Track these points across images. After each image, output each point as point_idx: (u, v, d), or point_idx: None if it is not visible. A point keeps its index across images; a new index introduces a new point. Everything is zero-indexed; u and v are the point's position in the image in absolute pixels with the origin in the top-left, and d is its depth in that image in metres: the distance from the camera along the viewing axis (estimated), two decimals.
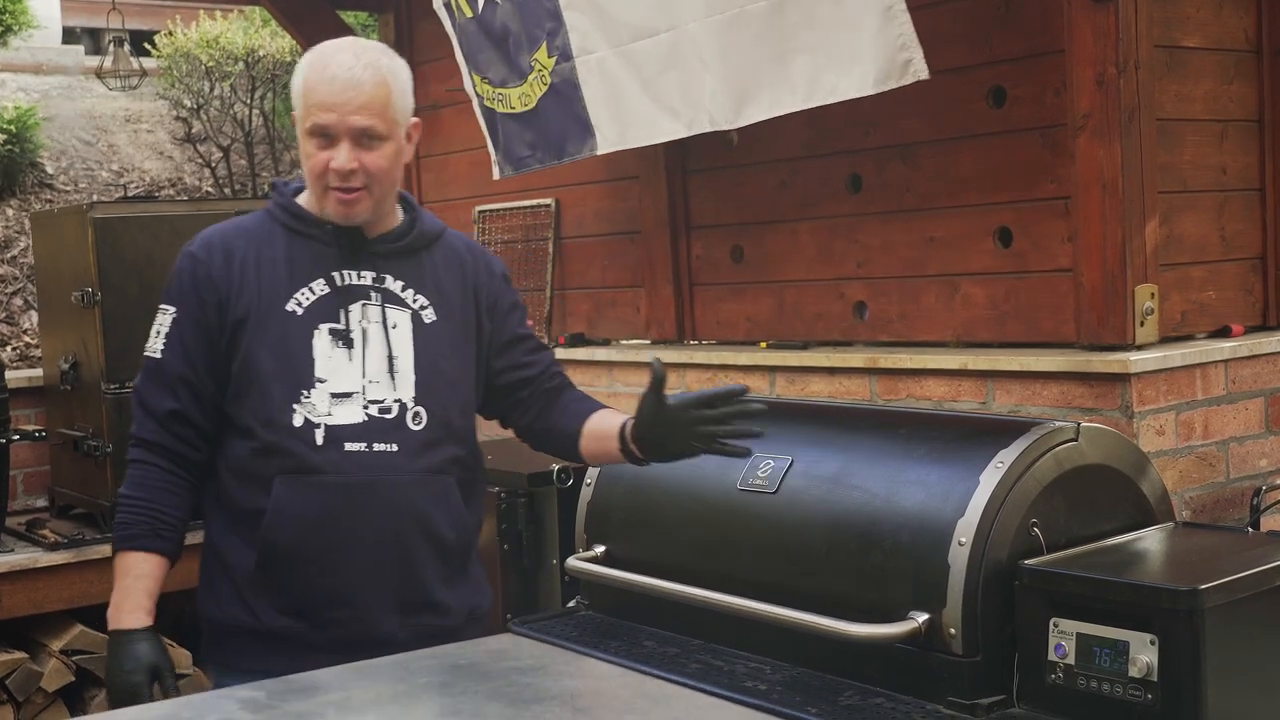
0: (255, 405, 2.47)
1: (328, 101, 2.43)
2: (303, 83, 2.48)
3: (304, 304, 2.50)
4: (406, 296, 2.57)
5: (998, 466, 2.32)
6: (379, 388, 2.50)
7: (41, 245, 5.55)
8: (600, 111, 4.20)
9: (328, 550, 2.46)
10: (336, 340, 2.49)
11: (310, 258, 2.53)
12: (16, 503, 5.44)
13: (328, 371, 2.48)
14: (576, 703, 2.27)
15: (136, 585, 2.47)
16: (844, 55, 3.46)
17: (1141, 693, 2.08)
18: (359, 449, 2.46)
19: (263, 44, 7.77)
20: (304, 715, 2.15)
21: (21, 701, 4.64)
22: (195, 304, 2.50)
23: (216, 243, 2.56)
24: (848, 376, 3.89)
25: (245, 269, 2.51)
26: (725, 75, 3.75)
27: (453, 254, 2.67)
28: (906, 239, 3.94)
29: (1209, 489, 3.42)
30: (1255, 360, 3.53)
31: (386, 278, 2.56)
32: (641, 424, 2.52)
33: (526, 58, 4.35)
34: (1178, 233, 3.53)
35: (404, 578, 2.51)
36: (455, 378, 2.60)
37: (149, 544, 2.47)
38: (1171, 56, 3.49)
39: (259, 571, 2.47)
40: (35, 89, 8.45)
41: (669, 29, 3.90)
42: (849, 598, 2.39)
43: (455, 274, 2.65)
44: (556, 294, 5.14)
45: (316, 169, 2.47)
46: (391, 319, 2.54)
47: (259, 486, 2.46)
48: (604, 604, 2.91)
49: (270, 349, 2.47)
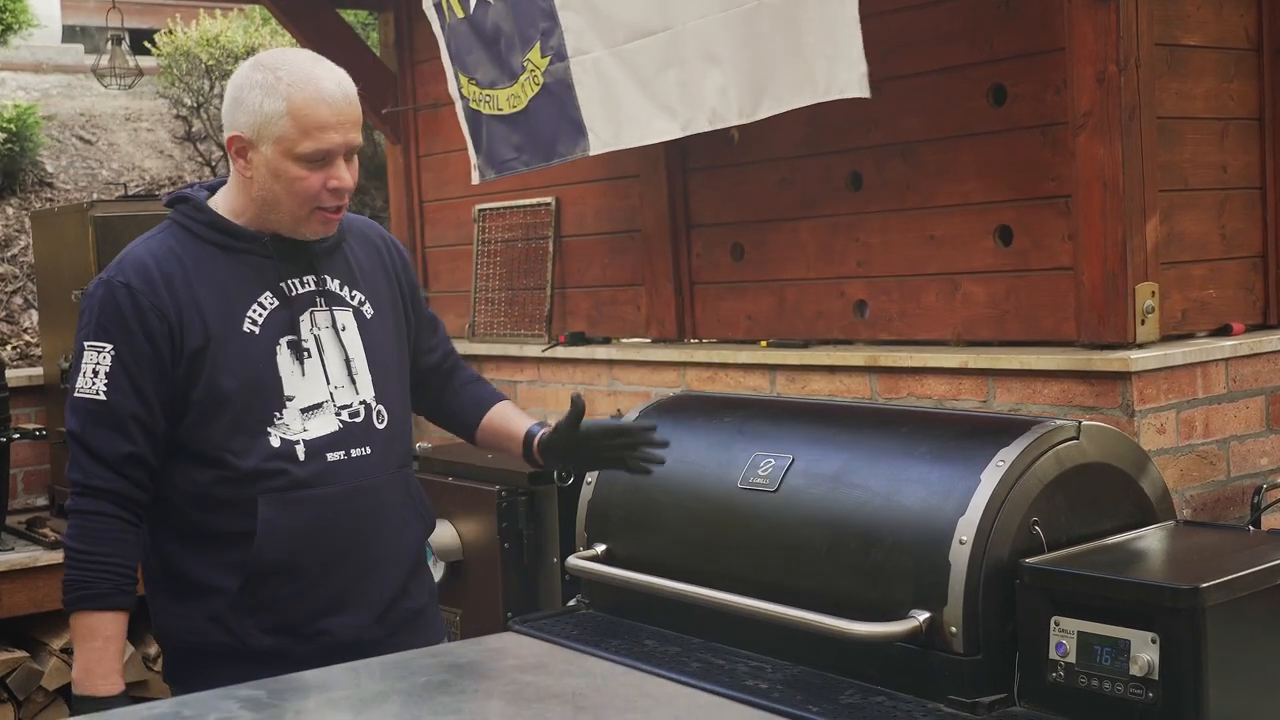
0: (223, 432, 2.39)
1: (330, 122, 2.36)
2: (289, 106, 2.34)
3: (259, 321, 2.42)
4: (345, 294, 2.54)
5: (999, 465, 2.31)
6: (343, 392, 2.48)
7: (41, 244, 5.55)
8: (594, 112, 4.19)
9: (315, 563, 2.44)
10: (295, 353, 2.44)
11: (251, 272, 2.44)
12: (17, 501, 5.45)
13: (294, 388, 2.43)
14: (577, 701, 2.27)
15: (108, 649, 2.35)
16: (848, 53, 3.46)
17: (1142, 691, 2.08)
18: (339, 457, 2.45)
19: (263, 42, 7.77)
20: (304, 714, 2.15)
21: (22, 700, 4.64)
22: (140, 338, 2.37)
23: (152, 270, 2.40)
24: (848, 375, 3.89)
25: (191, 292, 2.39)
26: (740, 69, 3.73)
27: (366, 241, 2.64)
28: (907, 237, 3.94)
29: (1210, 487, 3.42)
30: (1256, 359, 3.53)
31: (325, 279, 2.51)
32: (554, 443, 2.66)
33: (519, 58, 4.34)
34: (1178, 231, 3.53)
35: (385, 577, 2.52)
36: (398, 369, 2.61)
37: (115, 601, 2.35)
38: (1172, 54, 3.49)
39: (243, 594, 2.41)
40: (35, 88, 8.44)
41: (665, 28, 3.90)
42: (850, 596, 2.39)
43: (375, 262, 2.63)
44: (556, 292, 5.14)
45: (310, 191, 2.38)
46: (340, 321, 2.51)
47: (234, 510, 2.39)
48: (605, 603, 2.91)
49: (234, 374, 2.39)
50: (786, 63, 3.62)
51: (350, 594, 2.48)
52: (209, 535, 2.42)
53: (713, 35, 3.78)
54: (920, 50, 3.83)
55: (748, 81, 3.72)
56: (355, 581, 2.48)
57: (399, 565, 2.56)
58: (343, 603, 2.47)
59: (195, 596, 2.44)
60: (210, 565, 2.42)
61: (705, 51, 3.81)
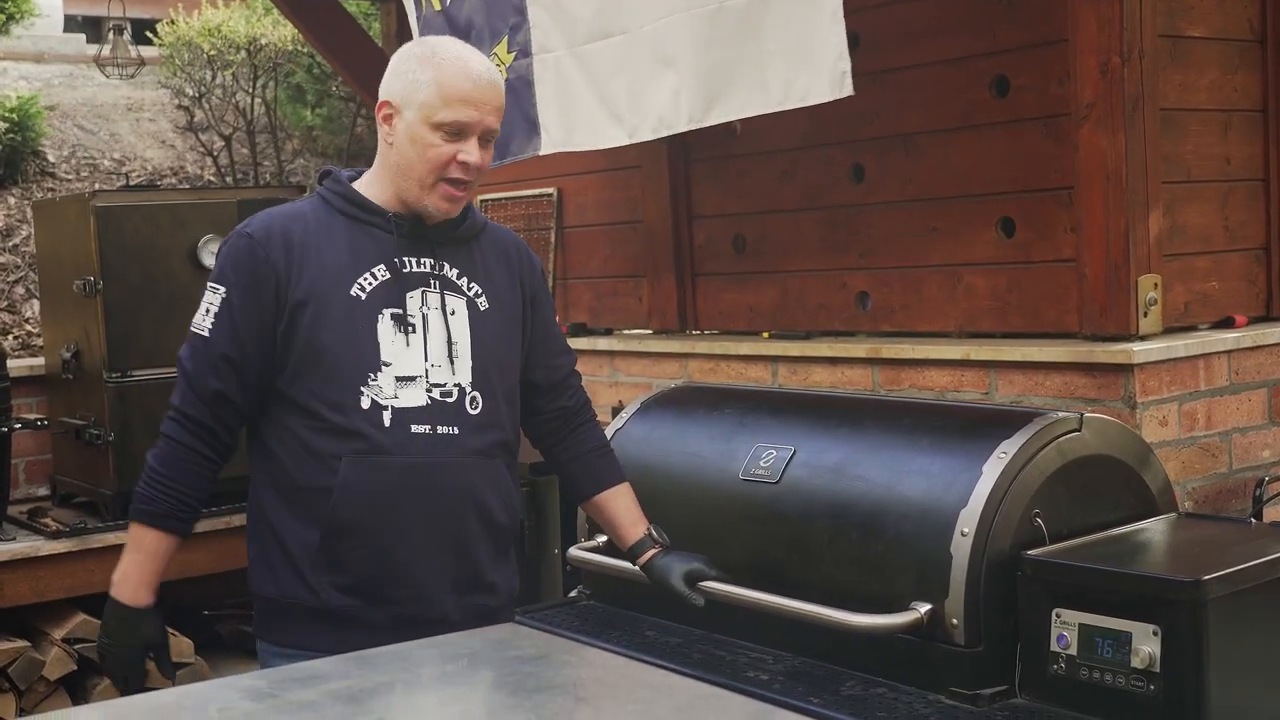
0: (320, 387, 2.51)
1: (473, 98, 2.50)
2: (436, 75, 2.50)
3: (367, 289, 2.54)
4: (462, 284, 2.63)
5: (1000, 457, 2.31)
6: (440, 371, 2.56)
7: (43, 234, 5.54)
8: (549, 111, 4.17)
9: (391, 529, 2.53)
10: (398, 325, 2.55)
11: (372, 244, 2.58)
12: (18, 491, 5.44)
13: (392, 355, 2.53)
14: (578, 692, 2.27)
15: (149, 564, 2.53)
16: (813, 57, 3.42)
17: (1144, 683, 2.08)
18: (424, 431, 2.52)
19: (265, 32, 7.76)
20: (306, 704, 2.15)
21: (24, 690, 4.64)
22: (250, 285, 2.52)
23: (275, 227, 2.57)
24: (850, 367, 3.89)
25: (305, 253, 2.54)
26: (696, 73, 3.69)
27: (499, 245, 2.75)
28: (909, 229, 3.93)
29: (1211, 480, 3.42)
30: (1258, 351, 3.52)
31: (444, 265, 2.62)
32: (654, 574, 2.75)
33: (487, 51, 4.32)
34: (1181, 223, 3.52)
35: (460, 558, 2.58)
36: (505, 365, 2.68)
37: (170, 525, 2.53)
38: (1175, 46, 3.48)
39: (321, 550, 2.53)
40: (37, 77, 8.44)
41: (623, 31, 3.87)
42: (851, 588, 2.39)
43: (502, 265, 2.73)
44: (559, 283, 5.14)
45: (440, 160, 2.51)
46: (450, 305, 2.60)
47: (322, 465, 2.51)
48: (606, 594, 2.91)
49: (334, 332, 2.51)
50: (744, 68, 3.57)
51: (421, 568, 2.55)
52: (298, 489, 2.54)
53: (672, 36, 3.73)
54: (922, 42, 3.83)
55: (701, 86, 3.68)
56: (428, 557, 2.55)
57: (476, 552, 2.60)
58: (413, 575, 2.54)
59: (281, 549, 2.56)
60: (295, 519, 2.54)
61: (660, 54, 3.76)
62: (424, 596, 2.55)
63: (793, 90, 3.48)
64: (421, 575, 2.55)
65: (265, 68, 7.82)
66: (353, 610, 2.54)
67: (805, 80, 3.44)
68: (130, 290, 4.93)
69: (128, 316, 4.93)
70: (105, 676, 2.61)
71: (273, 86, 7.93)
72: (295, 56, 7.90)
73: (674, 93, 3.75)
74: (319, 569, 2.53)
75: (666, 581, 2.70)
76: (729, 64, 3.61)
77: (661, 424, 2.94)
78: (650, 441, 3.00)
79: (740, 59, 3.58)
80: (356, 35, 5.83)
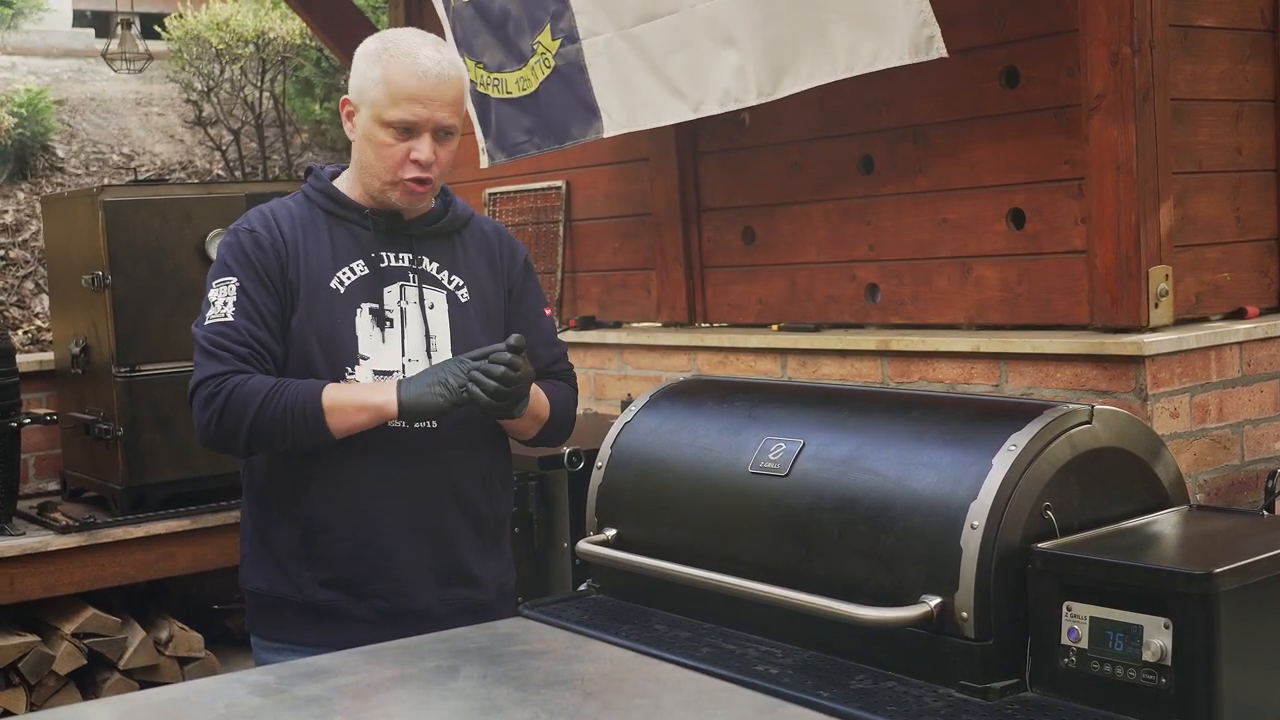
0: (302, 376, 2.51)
1: (419, 95, 2.48)
2: (384, 74, 2.49)
3: (345, 283, 2.55)
4: (442, 278, 2.64)
5: (1011, 449, 2.30)
6: (416, 366, 2.56)
7: (52, 229, 5.55)
8: (608, 94, 4.18)
9: (369, 524, 2.53)
10: (376, 320, 2.55)
11: (351, 239, 2.59)
12: (28, 486, 5.46)
13: (369, 349, 2.55)
14: (587, 686, 2.27)
15: (358, 390, 2.48)
16: (880, 23, 3.44)
17: (1155, 677, 2.07)
18: (400, 425, 2.52)
19: (273, 26, 7.77)
20: (313, 699, 2.15)
21: (34, 684, 4.65)
22: (260, 269, 2.53)
23: (268, 215, 2.60)
24: (859, 359, 3.88)
25: (296, 244, 2.56)
26: (758, 49, 3.72)
27: (481, 237, 2.75)
28: (918, 221, 3.92)
29: (1223, 472, 3.40)
30: (1270, 342, 3.51)
31: (423, 259, 2.63)
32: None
33: (528, 41, 4.33)
34: (1192, 214, 3.50)
35: (441, 551, 2.59)
36: None
37: (314, 385, 2.46)
38: (1186, 36, 3.46)
39: (302, 546, 2.54)
40: (46, 72, 8.45)
41: (673, 11, 3.89)
42: (860, 581, 2.38)
43: (484, 257, 2.72)
44: (567, 276, 5.13)
45: (394, 159, 2.51)
46: (429, 299, 2.61)
47: (299, 462, 2.53)
48: (615, 587, 2.90)
49: (314, 324, 2.53)
50: (806, 38, 3.60)
51: (401, 561, 2.56)
52: (278, 484, 2.57)
53: (727, 15, 3.76)
54: None
55: (766, 61, 3.71)
56: (407, 550, 2.56)
57: (459, 544, 2.62)
58: (393, 568, 2.55)
59: (265, 544, 2.59)
60: (278, 515, 2.57)
61: (718, 34, 3.80)
62: (405, 590, 2.56)
63: (859, 56, 3.51)
64: (401, 569, 2.56)
65: (273, 61, 7.82)
66: (336, 604, 2.55)
67: (872, 45, 3.47)
68: (139, 285, 4.94)
69: (136, 311, 4.93)
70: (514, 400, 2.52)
71: (281, 80, 7.94)
72: (303, 50, 7.90)
73: (737, 70, 3.78)
74: (301, 564, 2.55)
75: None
76: (790, 37, 3.64)
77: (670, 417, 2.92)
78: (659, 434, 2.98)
79: (802, 30, 3.61)
80: (364, 29, 5.83)
